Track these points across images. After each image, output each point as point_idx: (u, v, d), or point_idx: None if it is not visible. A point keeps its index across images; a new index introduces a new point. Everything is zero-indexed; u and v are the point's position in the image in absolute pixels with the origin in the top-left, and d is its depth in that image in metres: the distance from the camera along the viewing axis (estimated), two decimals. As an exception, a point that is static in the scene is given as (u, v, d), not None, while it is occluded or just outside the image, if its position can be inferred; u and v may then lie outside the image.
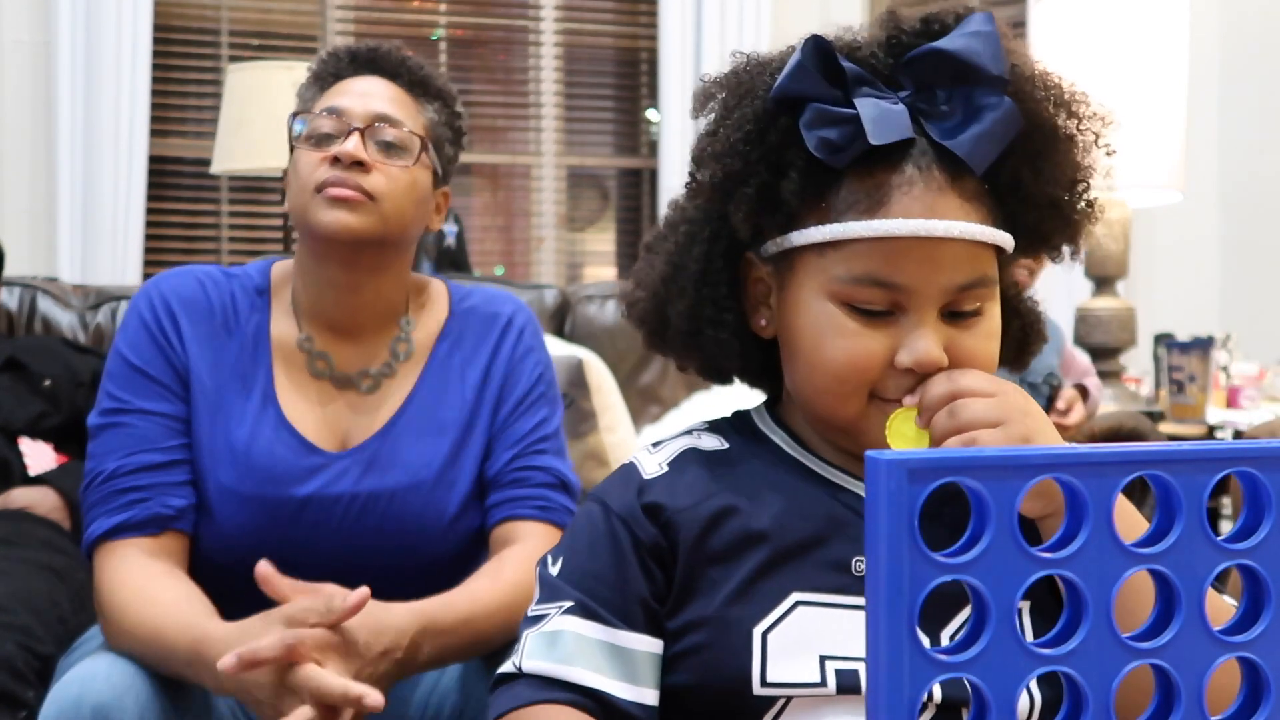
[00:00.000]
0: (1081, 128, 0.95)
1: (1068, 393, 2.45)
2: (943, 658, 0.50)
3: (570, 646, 0.91)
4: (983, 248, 0.91)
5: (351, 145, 1.38)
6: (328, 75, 1.47)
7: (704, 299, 0.97)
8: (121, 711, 1.15)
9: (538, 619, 0.94)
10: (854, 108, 0.88)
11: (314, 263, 1.43)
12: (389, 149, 1.40)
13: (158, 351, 1.39)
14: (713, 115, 0.96)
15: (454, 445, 1.43)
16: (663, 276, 0.99)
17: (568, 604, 0.93)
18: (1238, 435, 2.76)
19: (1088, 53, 2.84)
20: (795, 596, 0.90)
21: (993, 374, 0.93)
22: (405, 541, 1.39)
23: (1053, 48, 2.87)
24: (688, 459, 0.97)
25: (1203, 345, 2.90)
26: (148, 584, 1.29)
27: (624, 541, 0.94)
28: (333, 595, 1.18)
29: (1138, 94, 2.81)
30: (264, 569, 1.20)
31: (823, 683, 0.87)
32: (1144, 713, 0.54)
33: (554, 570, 0.96)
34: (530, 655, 0.92)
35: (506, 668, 0.94)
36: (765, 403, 1.03)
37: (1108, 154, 0.97)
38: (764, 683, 0.88)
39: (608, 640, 0.91)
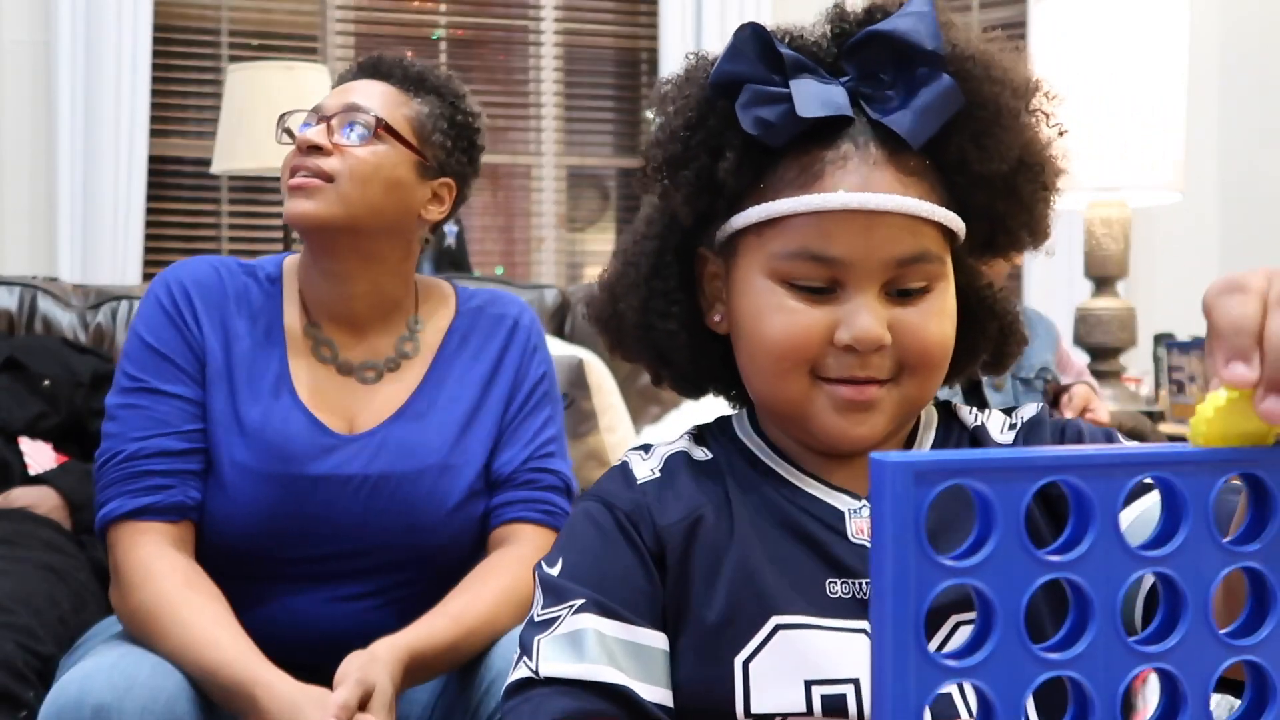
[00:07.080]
0: (1029, 107, 0.92)
1: (1084, 391, 2.41)
2: (949, 663, 0.50)
3: (594, 647, 0.86)
4: (925, 224, 0.88)
5: (311, 132, 1.42)
6: (335, 84, 1.53)
7: (654, 292, 0.96)
8: (121, 712, 1.16)
9: (547, 623, 0.89)
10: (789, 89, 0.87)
11: (307, 253, 1.48)
12: (352, 133, 1.43)
13: (175, 333, 1.41)
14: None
15: (459, 435, 1.47)
16: (617, 274, 0.99)
17: (579, 602, 0.88)
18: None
19: (1088, 53, 2.83)
20: (775, 621, 0.87)
21: (946, 357, 0.90)
22: (410, 523, 1.43)
23: (1053, 48, 2.87)
24: (677, 466, 0.95)
25: (1203, 345, 2.89)
26: (184, 590, 1.31)
27: (635, 538, 0.91)
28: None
29: (1138, 94, 2.80)
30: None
31: (809, 710, 0.85)
32: (1154, 710, 0.54)
33: (555, 571, 0.91)
34: (549, 659, 0.87)
35: (521, 674, 0.88)
36: (748, 410, 1.01)
37: (1060, 133, 0.94)
38: (749, 713, 0.86)
39: (628, 638, 0.87)
